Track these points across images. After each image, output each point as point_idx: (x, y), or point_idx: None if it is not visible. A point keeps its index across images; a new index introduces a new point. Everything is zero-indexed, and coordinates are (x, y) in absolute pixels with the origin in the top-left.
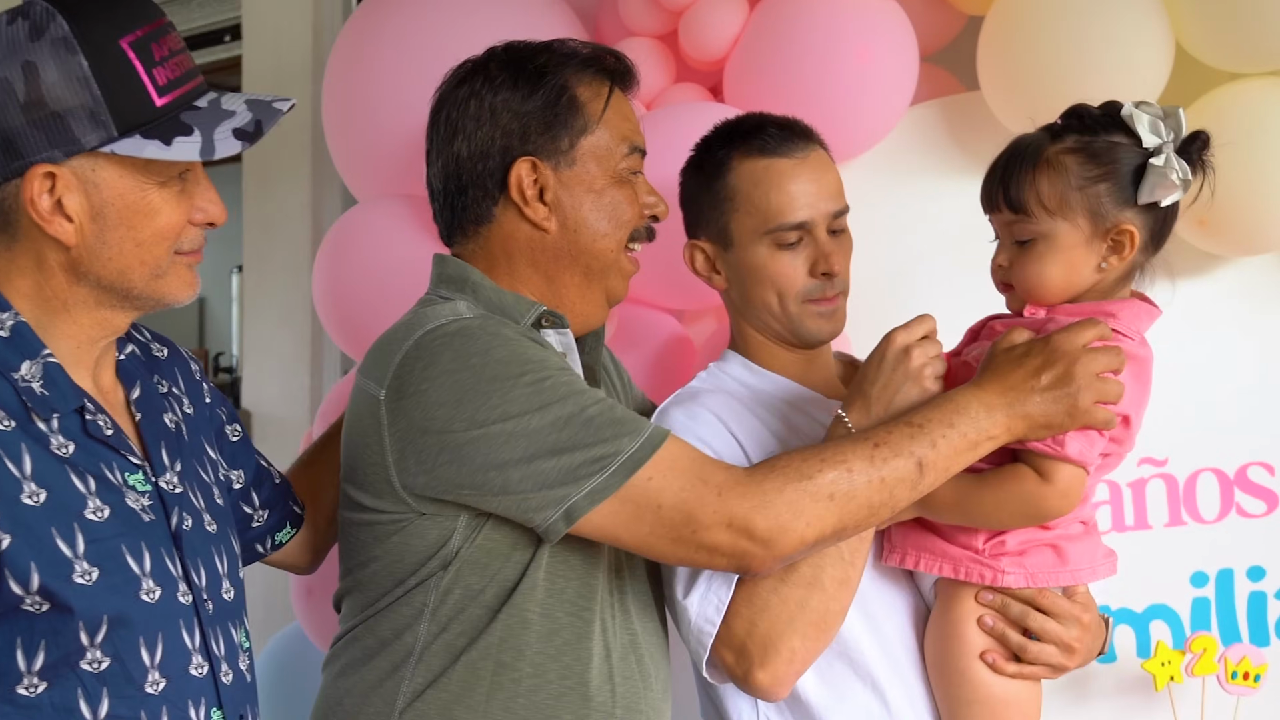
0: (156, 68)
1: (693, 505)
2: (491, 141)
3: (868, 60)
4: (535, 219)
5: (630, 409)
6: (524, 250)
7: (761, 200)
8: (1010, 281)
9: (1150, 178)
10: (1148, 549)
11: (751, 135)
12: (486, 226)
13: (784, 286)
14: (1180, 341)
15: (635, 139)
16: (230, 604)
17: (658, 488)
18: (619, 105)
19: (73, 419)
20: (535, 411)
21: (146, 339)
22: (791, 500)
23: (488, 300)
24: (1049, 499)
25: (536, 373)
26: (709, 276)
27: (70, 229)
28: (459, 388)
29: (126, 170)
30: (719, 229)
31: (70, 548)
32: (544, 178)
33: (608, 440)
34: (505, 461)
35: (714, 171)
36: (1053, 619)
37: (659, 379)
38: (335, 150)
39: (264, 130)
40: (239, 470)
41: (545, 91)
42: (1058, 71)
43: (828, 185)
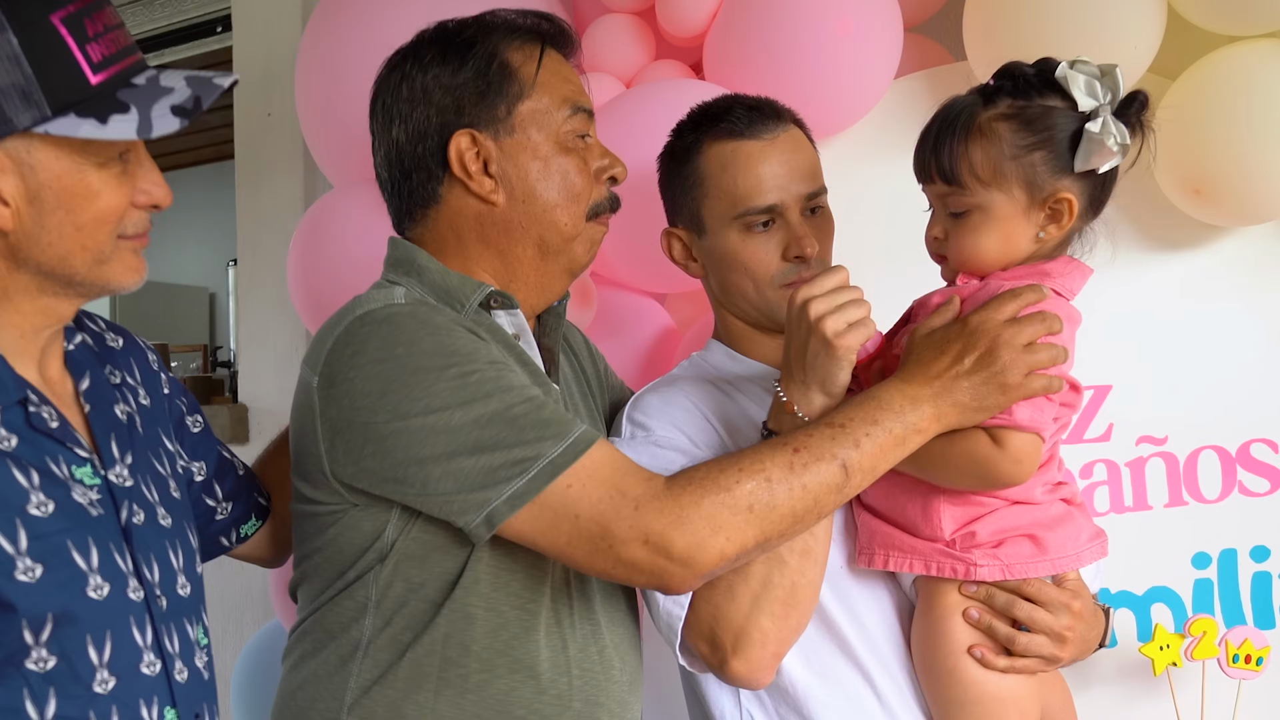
0: (90, 44)
1: (609, 518)
2: (428, 120)
3: (849, 32)
4: (482, 193)
5: (601, 397)
6: (473, 227)
7: (730, 184)
8: (945, 254)
9: (1086, 145)
10: (1148, 530)
11: (720, 117)
12: (434, 208)
13: (757, 272)
14: (1178, 315)
15: (578, 99)
16: (186, 600)
17: (576, 496)
18: (554, 66)
19: (15, 411)
20: (458, 407)
21: (100, 329)
22: (709, 514)
23: (433, 283)
24: (1001, 464)
25: (463, 366)
26: (686, 264)
27: (6, 214)
28: (383, 377)
29: (63, 151)
30: (691, 215)
31: (11, 544)
32: (485, 149)
33: (530, 442)
34: (426, 457)
35: (683, 156)
36: (1041, 607)
37: (645, 368)
38: (310, 136)
39: (203, 106)
40: (200, 462)
41: (475, 61)
42: (1046, 39)
43: (799, 166)
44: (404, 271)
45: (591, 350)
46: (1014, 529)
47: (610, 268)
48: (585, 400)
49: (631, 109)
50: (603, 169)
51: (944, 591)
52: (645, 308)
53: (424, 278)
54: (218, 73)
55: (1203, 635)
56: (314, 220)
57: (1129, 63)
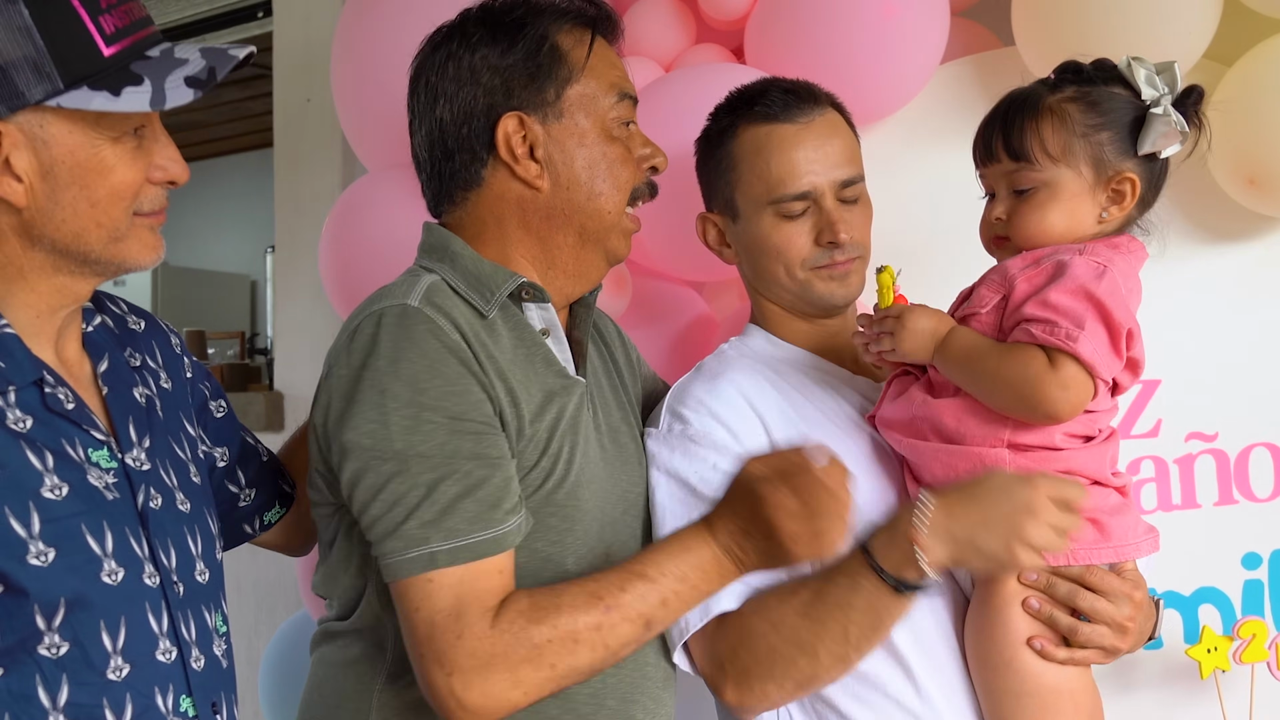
0: (103, 15)
1: (435, 630)
2: (475, 101)
3: (894, 16)
4: (527, 177)
5: (634, 386)
6: (515, 212)
7: (763, 168)
8: (1008, 234)
9: (1153, 127)
10: (1197, 529)
11: (755, 100)
12: (475, 191)
13: (789, 256)
14: (1231, 308)
15: (624, 85)
16: (205, 586)
17: (428, 593)
18: (602, 52)
19: (31, 392)
20: (396, 451)
21: (123, 311)
22: (514, 668)
23: (465, 270)
24: (1049, 386)
25: (422, 410)
26: (720, 250)
27: (20, 189)
28: (358, 385)
29: (76, 125)
30: (726, 200)
31: (24, 527)
32: (532, 133)
33: (428, 523)
34: (357, 479)
35: (718, 140)
36: (1103, 597)
37: (681, 357)
38: (345, 120)
39: (217, 77)
40: (223, 447)
41: (525, 43)
42: (1097, 23)
43: (835, 151)
44: (437, 258)
45: (624, 340)
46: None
47: (647, 255)
48: (615, 392)
49: (669, 93)
50: (645, 157)
51: (1003, 580)
52: (681, 296)
53: (456, 264)
54: (233, 44)
55: (1252, 638)
56: (347, 205)
57: (1183, 48)
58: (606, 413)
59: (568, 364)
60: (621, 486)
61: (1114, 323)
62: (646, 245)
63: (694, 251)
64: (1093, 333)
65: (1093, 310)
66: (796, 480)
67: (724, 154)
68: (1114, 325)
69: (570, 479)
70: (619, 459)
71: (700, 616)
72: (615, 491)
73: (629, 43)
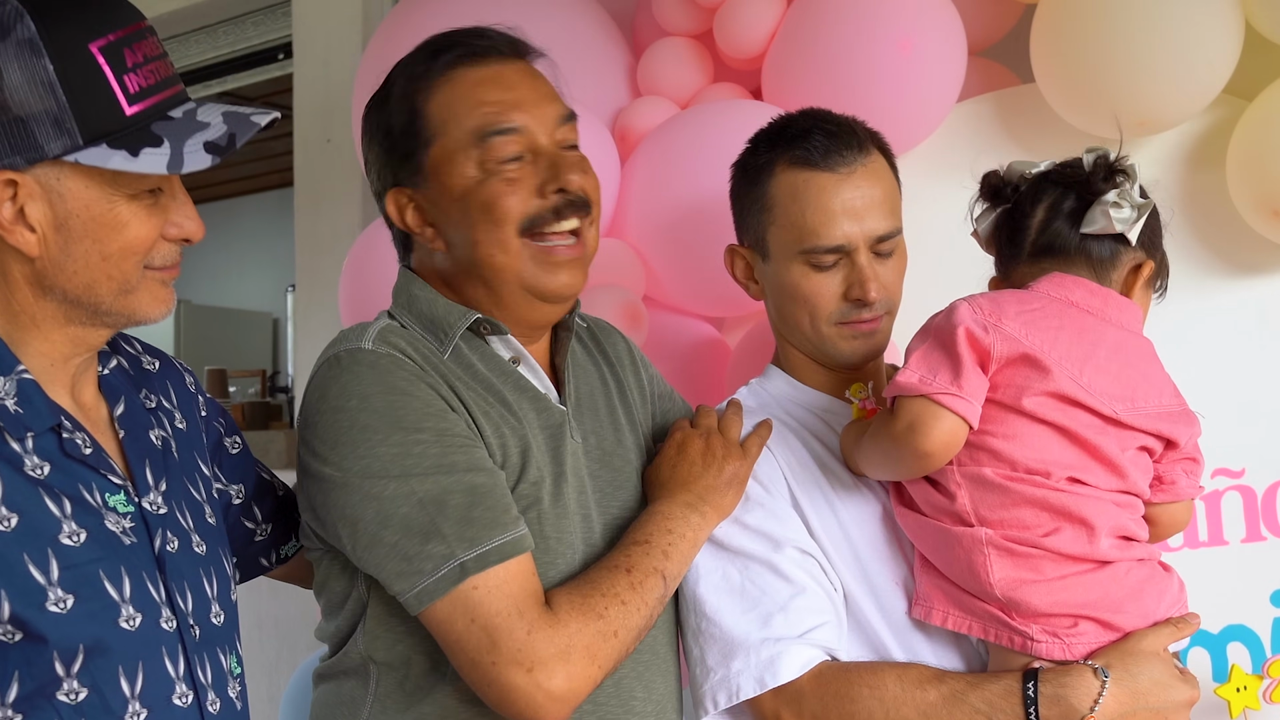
0: (128, 74)
1: (501, 633)
2: (380, 183)
3: (910, 52)
4: (426, 243)
5: (643, 407)
6: (436, 274)
7: (798, 217)
8: None
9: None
10: (1224, 566)
11: (796, 141)
12: (411, 256)
13: (815, 308)
14: (1256, 342)
15: (487, 123)
16: (220, 629)
17: (477, 600)
18: (462, 92)
19: (49, 438)
20: (395, 478)
21: (137, 351)
22: (589, 644)
23: (420, 312)
24: (895, 429)
25: (408, 434)
26: (746, 284)
27: (33, 239)
28: (335, 428)
29: (93, 181)
30: (757, 238)
31: (43, 574)
32: (417, 201)
33: (449, 538)
34: (357, 519)
35: (756, 176)
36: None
37: (691, 384)
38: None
39: (236, 144)
40: (238, 484)
41: (392, 113)
42: (1117, 60)
43: (875, 204)
44: (399, 301)
45: (635, 358)
46: (1079, 607)
47: (663, 291)
48: (613, 414)
49: (684, 131)
50: (547, 181)
51: (1009, 658)
52: (695, 327)
53: (413, 307)
54: (257, 109)
55: None
56: (365, 246)
57: (1205, 83)
58: (600, 437)
59: (547, 390)
60: (612, 512)
61: (946, 339)
62: (664, 282)
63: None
64: (920, 359)
65: (924, 342)
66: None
67: (760, 193)
68: (946, 340)
69: (558, 508)
70: (614, 484)
71: (728, 699)
72: (606, 523)
73: (646, 82)
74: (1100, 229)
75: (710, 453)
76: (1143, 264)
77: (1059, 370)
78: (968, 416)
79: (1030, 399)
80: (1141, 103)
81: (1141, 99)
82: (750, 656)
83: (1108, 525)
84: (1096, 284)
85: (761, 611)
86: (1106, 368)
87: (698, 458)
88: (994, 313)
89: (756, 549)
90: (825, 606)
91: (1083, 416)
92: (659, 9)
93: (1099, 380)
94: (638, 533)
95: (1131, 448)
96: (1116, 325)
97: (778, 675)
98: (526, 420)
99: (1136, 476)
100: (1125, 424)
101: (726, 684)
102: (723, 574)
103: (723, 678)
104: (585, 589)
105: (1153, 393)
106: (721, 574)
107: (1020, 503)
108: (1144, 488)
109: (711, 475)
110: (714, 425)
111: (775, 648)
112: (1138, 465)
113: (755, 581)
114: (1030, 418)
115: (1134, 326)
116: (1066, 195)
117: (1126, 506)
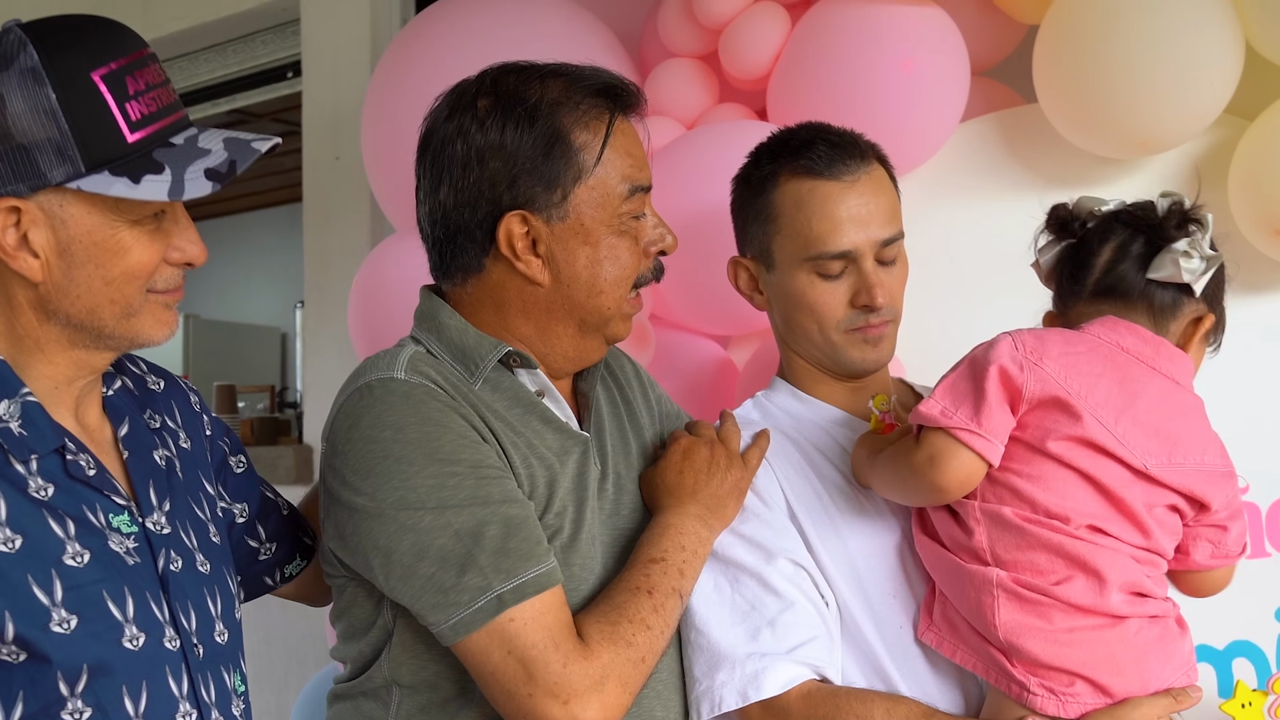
0: (130, 102)
1: (537, 665)
2: (479, 189)
3: (913, 73)
4: (529, 273)
5: (651, 428)
6: (515, 302)
7: (804, 225)
8: None
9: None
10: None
11: (800, 152)
12: (476, 275)
13: (823, 315)
14: (1258, 360)
15: (636, 178)
16: (224, 647)
17: (515, 632)
18: (619, 141)
19: (53, 460)
20: (431, 510)
21: (142, 371)
22: (621, 674)
23: (450, 340)
24: (915, 458)
25: (444, 466)
26: (751, 295)
27: (36, 265)
28: (369, 458)
29: (95, 207)
30: (762, 249)
31: (47, 595)
32: (536, 230)
33: (485, 570)
34: (391, 550)
35: (759, 187)
36: None
37: (699, 403)
38: (374, 180)
39: (237, 170)
40: (242, 503)
41: (536, 136)
42: (1120, 79)
43: (878, 211)
44: (426, 327)
45: (642, 379)
46: (1079, 665)
47: (670, 309)
48: (625, 438)
49: (691, 151)
50: (653, 241)
51: (1005, 706)
52: (697, 343)
53: (442, 335)
54: (258, 135)
55: None
56: (375, 263)
57: (1206, 103)
58: (615, 461)
59: (569, 420)
60: (623, 534)
61: (978, 372)
62: (670, 300)
63: (717, 306)
64: (946, 389)
65: (956, 371)
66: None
67: (764, 203)
68: (978, 374)
69: (581, 535)
70: (620, 503)
71: (738, 699)
72: (615, 541)
73: (652, 103)
74: (1167, 276)
75: (715, 461)
76: (1203, 317)
77: (1092, 417)
78: (987, 455)
79: (1055, 443)
80: (1143, 123)
81: (1143, 119)
82: (735, 670)
83: (1121, 579)
84: (1151, 332)
85: (750, 625)
86: (1146, 419)
87: (704, 465)
88: (1035, 350)
89: (749, 560)
90: (814, 622)
91: (1111, 466)
92: (664, 30)
93: (1134, 431)
94: (653, 549)
95: (1160, 505)
96: (1165, 376)
97: (760, 690)
98: (552, 451)
99: (1160, 535)
100: (1155, 479)
101: (710, 695)
102: (715, 585)
103: (707, 688)
104: (612, 616)
105: (1193, 449)
106: (714, 585)
107: (1036, 546)
108: (1167, 548)
109: (716, 484)
110: (715, 436)
111: (760, 663)
112: (1164, 524)
113: (745, 595)
114: (1056, 461)
115: (1184, 379)
116: (1135, 238)
117: (1145, 563)
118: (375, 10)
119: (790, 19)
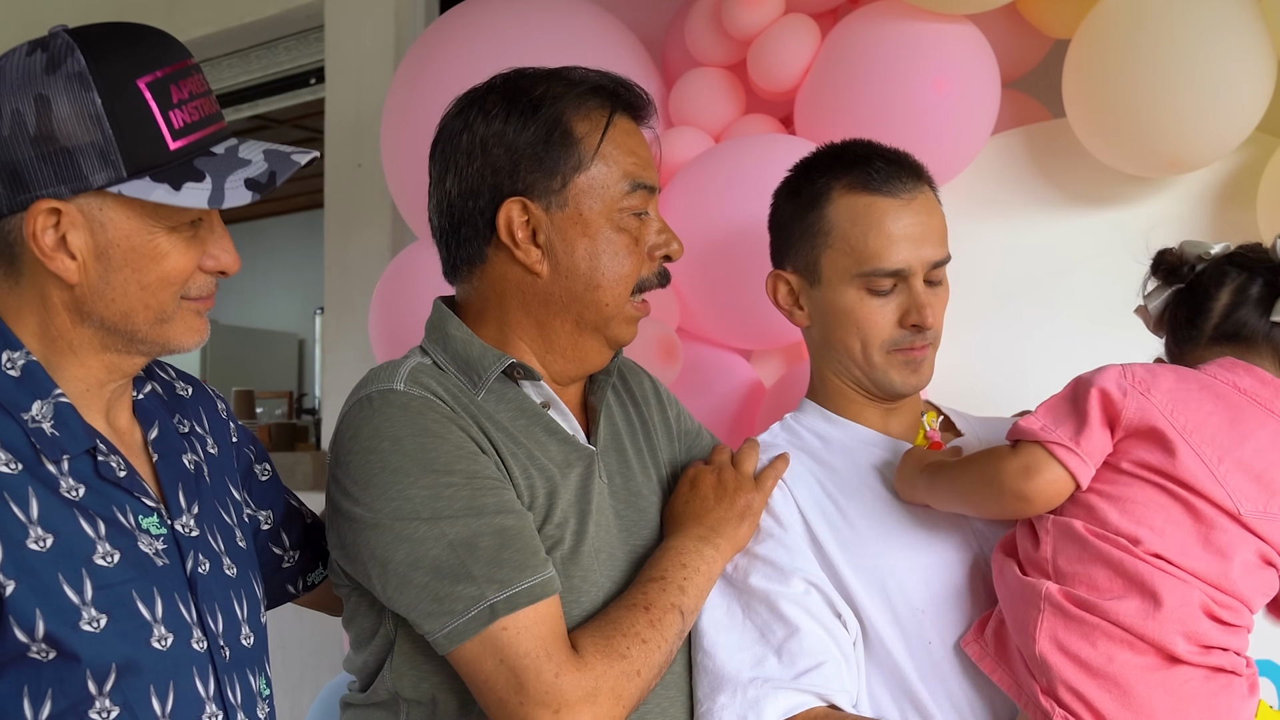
0: (174, 110)
1: (529, 674)
2: (482, 177)
3: (945, 88)
4: (528, 262)
5: (669, 447)
6: (515, 293)
7: (859, 240)
8: None
9: None
10: None
11: (856, 166)
12: (480, 267)
13: (869, 333)
14: None
15: (639, 175)
16: (249, 650)
17: (506, 641)
18: (620, 137)
19: (84, 460)
20: (426, 520)
21: (171, 377)
22: (614, 685)
23: (455, 352)
24: (1007, 466)
25: (440, 477)
26: (790, 311)
27: (73, 266)
28: (368, 469)
29: (134, 212)
30: (808, 263)
31: (78, 594)
32: (535, 218)
33: (479, 580)
34: (388, 560)
35: (811, 201)
36: None
37: (729, 424)
38: (395, 188)
39: (277, 181)
40: (268, 510)
41: (538, 124)
42: (1149, 97)
43: (932, 231)
44: (434, 338)
45: (661, 397)
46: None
47: (696, 322)
48: (639, 455)
49: (718, 164)
50: (657, 245)
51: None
52: (730, 363)
53: (448, 347)
54: (297, 149)
55: None
56: (397, 271)
57: (1236, 122)
58: (626, 476)
59: (575, 432)
60: (639, 554)
61: (1080, 394)
62: (696, 312)
63: (744, 319)
64: (1048, 409)
65: (1060, 393)
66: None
67: (816, 217)
68: (1080, 396)
69: (583, 548)
70: (638, 523)
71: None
72: (630, 560)
73: (677, 112)
74: None
75: (722, 486)
76: None
77: (1193, 454)
78: (1078, 474)
79: (1143, 472)
80: (1173, 141)
81: (1173, 138)
82: (737, 695)
83: (1182, 611)
84: (1272, 375)
85: (756, 652)
86: (1251, 463)
87: (709, 492)
88: (1144, 381)
89: (761, 584)
90: (824, 647)
91: (1199, 504)
92: (691, 39)
93: (1236, 474)
94: (653, 569)
95: (1248, 551)
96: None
97: (760, 716)
98: (555, 462)
99: (1243, 582)
100: (1245, 524)
101: (710, 718)
102: (727, 609)
103: (708, 710)
104: (608, 630)
105: None
106: (726, 609)
107: (1097, 560)
108: (1252, 598)
109: (723, 508)
110: (727, 460)
111: (762, 689)
112: (1249, 572)
113: (755, 620)
114: (1141, 484)
115: None
116: (1253, 280)
117: (1223, 606)
118: (399, 18)
119: (820, 31)
